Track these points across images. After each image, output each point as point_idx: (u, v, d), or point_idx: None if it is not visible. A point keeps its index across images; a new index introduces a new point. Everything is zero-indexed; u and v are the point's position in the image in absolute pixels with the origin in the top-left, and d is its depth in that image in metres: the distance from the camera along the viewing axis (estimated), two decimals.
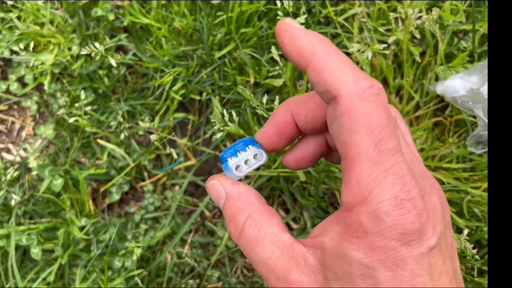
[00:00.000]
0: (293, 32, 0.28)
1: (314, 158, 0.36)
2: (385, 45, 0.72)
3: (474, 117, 0.70)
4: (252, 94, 0.73)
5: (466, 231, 0.63)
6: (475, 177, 0.70)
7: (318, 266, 0.28)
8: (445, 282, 0.26)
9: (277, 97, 0.73)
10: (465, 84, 0.68)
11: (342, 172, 0.26)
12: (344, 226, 0.26)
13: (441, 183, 0.69)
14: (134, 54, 0.83)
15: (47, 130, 0.83)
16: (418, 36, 0.73)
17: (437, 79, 0.73)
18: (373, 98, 0.25)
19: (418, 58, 0.72)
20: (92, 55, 0.78)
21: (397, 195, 0.24)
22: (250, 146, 0.35)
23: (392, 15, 0.73)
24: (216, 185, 0.34)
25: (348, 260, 0.25)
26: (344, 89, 0.25)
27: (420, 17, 0.71)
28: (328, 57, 0.27)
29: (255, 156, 0.35)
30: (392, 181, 0.25)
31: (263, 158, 0.36)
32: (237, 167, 0.35)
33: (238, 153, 0.35)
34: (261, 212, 0.32)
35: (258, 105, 0.72)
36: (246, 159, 0.35)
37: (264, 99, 0.71)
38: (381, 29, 0.75)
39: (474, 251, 0.62)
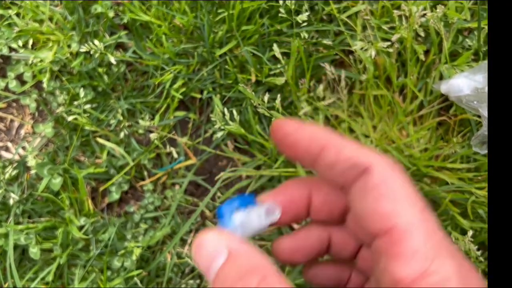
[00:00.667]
0: (297, 124, 0.27)
1: (311, 253, 0.32)
2: (388, 43, 0.71)
3: (479, 116, 0.69)
4: (253, 93, 0.73)
5: (470, 233, 0.62)
6: (479, 178, 0.69)
7: None
8: None
9: (278, 95, 0.72)
10: (470, 83, 0.67)
11: (385, 247, 0.24)
12: None
13: (445, 183, 0.68)
14: (134, 52, 0.82)
15: (46, 129, 0.82)
16: (422, 34, 0.72)
17: (441, 77, 0.72)
18: (401, 171, 0.25)
19: (422, 57, 0.71)
20: (92, 52, 0.77)
21: (458, 267, 0.23)
22: (255, 204, 0.29)
23: (396, 12, 0.72)
24: (215, 239, 0.26)
25: None
26: (375, 160, 0.25)
27: (424, 15, 0.70)
28: (340, 138, 0.26)
29: (266, 212, 0.29)
30: (448, 252, 0.23)
31: (275, 212, 0.29)
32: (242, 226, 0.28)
33: (245, 207, 0.28)
34: (278, 275, 0.25)
35: (259, 104, 0.71)
36: (256, 215, 0.28)
37: (266, 98, 0.70)
38: (385, 27, 0.73)
39: (479, 252, 0.61)
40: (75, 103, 0.79)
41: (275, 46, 0.72)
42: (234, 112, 0.71)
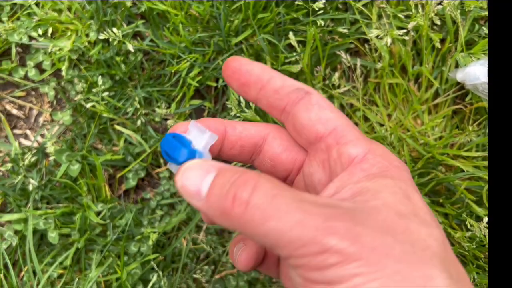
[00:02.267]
0: (248, 59, 0.34)
1: (258, 259, 0.36)
2: (404, 31, 0.71)
3: None
4: None
5: (485, 220, 0.62)
6: None
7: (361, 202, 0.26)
8: None
9: None
10: (486, 71, 0.67)
11: (335, 141, 0.31)
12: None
13: (460, 171, 0.68)
14: (151, 41, 0.83)
15: (64, 116, 0.84)
16: (438, 22, 0.72)
17: (457, 66, 0.72)
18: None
19: (438, 45, 0.71)
20: (110, 40, 0.78)
21: (382, 150, 0.31)
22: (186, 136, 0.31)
23: (412, 0, 0.72)
24: (201, 162, 0.27)
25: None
26: (310, 87, 0.33)
27: (440, 3, 0.70)
28: (278, 73, 0.34)
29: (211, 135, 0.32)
30: (374, 141, 0.31)
31: (214, 134, 0.32)
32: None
33: (188, 139, 0.31)
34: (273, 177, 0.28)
35: None
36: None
37: None
38: (401, 15, 0.74)
39: None
40: (93, 90, 0.81)
41: (291, 34, 0.73)
42: None
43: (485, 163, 0.69)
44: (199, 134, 0.31)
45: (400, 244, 0.23)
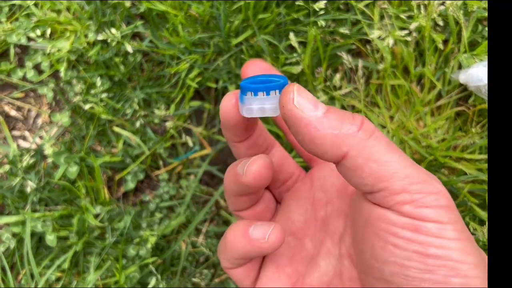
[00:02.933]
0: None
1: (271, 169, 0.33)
2: (406, 32, 0.70)
3: None
4: None
5: None
6: None
7: None
8: None
9: None
10: None
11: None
12: None
13: (463, 174, 0.67)
14: (151, 41, 0.82)
15: (63, 118, 0.83)
16: (441, 23, 0.71)
17: (460, 67, 0.71)
18: None
19: (440, 46, 0.70)
20: (109, 41, 0.77)
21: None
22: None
23: (414, 1, 0.71)
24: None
25: None
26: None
27: (443, 3, 0.69)
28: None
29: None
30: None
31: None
32: None
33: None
34: None
35: None
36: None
37: None
38: (403, 16, 0.73)
39: None
40: (92, 91, 0.80)
41: (291, 35, 0.72)
42: None
43: None
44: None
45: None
